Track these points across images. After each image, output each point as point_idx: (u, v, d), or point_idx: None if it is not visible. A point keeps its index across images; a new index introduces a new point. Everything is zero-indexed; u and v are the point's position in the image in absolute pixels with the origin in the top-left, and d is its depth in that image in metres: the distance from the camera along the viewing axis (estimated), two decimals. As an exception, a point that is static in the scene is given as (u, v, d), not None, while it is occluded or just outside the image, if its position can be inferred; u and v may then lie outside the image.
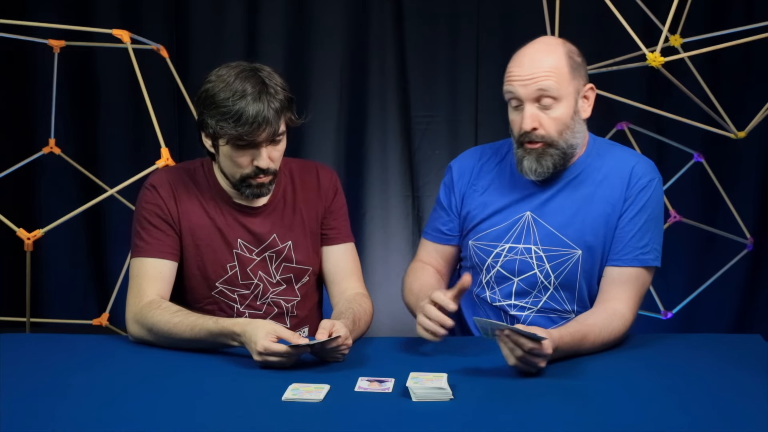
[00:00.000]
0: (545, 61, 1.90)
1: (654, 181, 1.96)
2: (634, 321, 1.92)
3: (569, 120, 1.92)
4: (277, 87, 1.87)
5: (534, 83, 1.88)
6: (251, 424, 1.41)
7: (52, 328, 3.36)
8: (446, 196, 2.12)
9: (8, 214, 2.76)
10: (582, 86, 1.95)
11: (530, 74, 1.89)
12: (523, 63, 1.91)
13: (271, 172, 1.92)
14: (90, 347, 1.92)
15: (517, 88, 1.90)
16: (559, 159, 1.93)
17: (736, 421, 1.41)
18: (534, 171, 1.93)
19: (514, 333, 1.60)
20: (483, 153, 2.13)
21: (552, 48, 1.94)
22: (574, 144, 1.95)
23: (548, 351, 1.61)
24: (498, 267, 2.01)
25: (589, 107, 1.98)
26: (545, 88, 1.88)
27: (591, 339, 1.79)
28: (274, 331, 1.68)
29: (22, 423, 1.41)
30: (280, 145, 1.92)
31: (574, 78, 1.92)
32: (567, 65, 1.91)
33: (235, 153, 1.89)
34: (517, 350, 1.60)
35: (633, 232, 1.93)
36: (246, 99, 1.82)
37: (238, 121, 1.82)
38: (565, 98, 1.91)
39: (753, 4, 3.51)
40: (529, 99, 1.90)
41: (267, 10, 3.64)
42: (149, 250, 1.95)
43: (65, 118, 3.54)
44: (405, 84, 3.68)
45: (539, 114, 1.91)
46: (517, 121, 1.94)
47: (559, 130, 1.92)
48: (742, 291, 3.67)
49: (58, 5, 3.60)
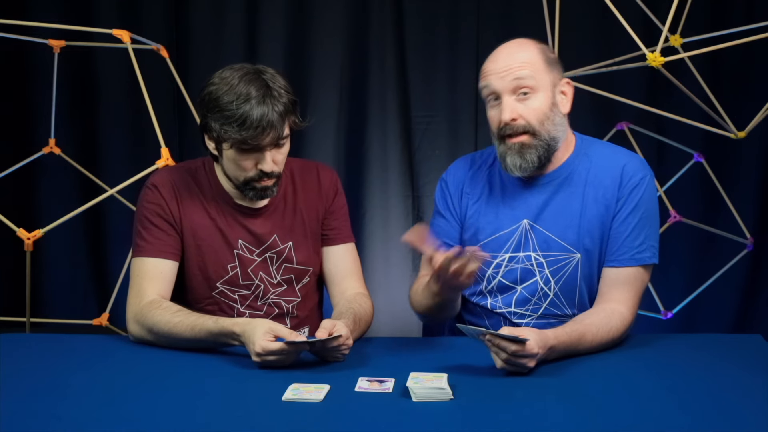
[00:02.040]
0: (519, 54, 1.93)
1: (646, 178, 1.96)
2: (633, 320, 1.92)
3: (548, 111, 1.93)
4: (281, 90, 1.86)
5: (509, 74, 1.90)
6: (251, 424, 1.41)
7: (52, 328, 3.36)
8: (444, 202, 2.11)
9: (8, 214, 2.76)
10: (558, 80, 1.96)
11: (505, 66, 1.91)
12: (498, 58, 1.94)
13: (275, 175, 1.92)
14: (90, 347, 1.92)
15: (493, 81, 1.92)
16: (543, 152, 1.93)
17: (736, 421, 1.41)
18: (518, 167, 1.92)
19: (495, 337, 1.60)
20: (473, 162, 2.12)
21: (525, 44, 1.96)
22: (556, 137, 1.95)
23: (534, 351, 1.62)
24: (499, 277, 2.01)
25: (568, 102, 1.99)
26: (521, 77, 1.90)
27: (589, 338, 1.78)
28: (272, 330, 1.68)
29: (22, 423, 1.41)
30: (283, 148, 1.92)
31: (549, 71, 1.94)
32: (541, 59, 1.93)
33: (239, 157, 1.89)
34: (501, 353, 1.61)
35: (628, 232, 1.93)
36: (250, 103, 1.82)
37: (242, 125, 1.82)
38: (542, 89, 1.92)
39: (753, 4, 3.51)
40: (507, 90, 1.91)
41: (267, 10, 3.64)
42: (150, 250, 1.95)
43: (65, 118, 3.54)
44: (405, 84, 3.68)
45: (517, 105, 1.91)
46: (495, 116, 1.95)
47: (540, 119, 1.92)
48: (742, 291, 3.67)
49: (58, 5, 3.60)
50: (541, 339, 1.65)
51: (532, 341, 1.61)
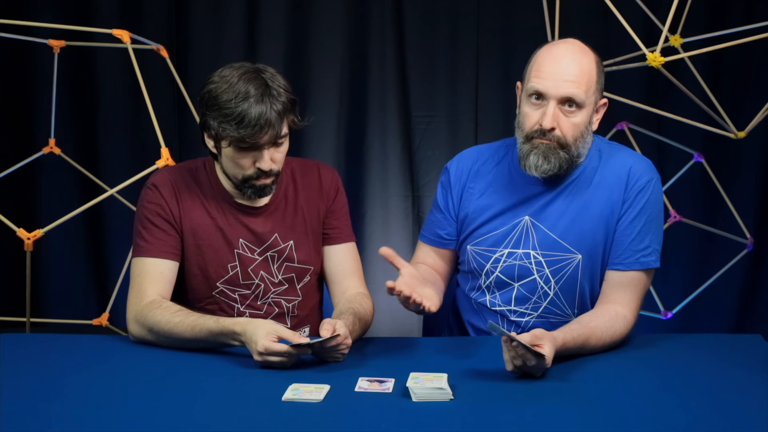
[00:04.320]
0: (581, 64, 1.88)
1: (652, 181, 1.95)
2: (635, 322, 1.92)
3: (584, 128, 1.91)
4: (280, 89, 1.86)
5: (566, 85, 1.86)
6: (251, 424, 1.41)
7: (52, 328, 3.37)
8: (443, 199, 2.10)
9: (8, 214, 2.76)
10: (599, 98, 1.94)
11: (564, 75, 1.86)
12: (559, 62, 1.88)
13: (273, 173, 1.92)
14: (90, 347, 1.92)
15: (548, 86, 1.86)
16: (565, 162, 1.91)
17: (736, 421, 1.41)
18: (539, 168, 1.90)
19: (521, 347, 1.59)
20: (480, 154, 2.10)
21: (586, 53, 1.91)
22: (582, 153, 1.94)
23: (548, 365, 1.62)
24: (497, 272, 2.01)
25: (598, 121, 1.96)
26: (575, 94, 1.86)
27: (593, 342, 1.79)
28: (275, 330, 1.68)
29: (21, 423, 1.41)
30: (282, 147, 1.92)
31: (597, 90, 1.91)
32: (596, 75, 1.90)
33: (237, 155, 1.89)
34: (518, 359, 1.60)
35: (633, 235, 1.92)
36: (249, 101, 1.82)
37: (240, 124, 1.82)
38: (587, 107, 1.89)
39: (753, 4, 3.51)
40: (556, 98, 1.87)
41: (267, 10, 3.64)
42: (150, 250, 1.95)
43: (65, 118, 3.54)
44: (405, 84, 3.68)
45: (560, 116, 1.88)
46: (533, 116, 1.90)
47: (575, 136, 1.89)
48: (742, 291, 3.67)
49: (58, 5, 3.60)
50: (554, 348, 1.64)
51: (549, 357, 1.61)
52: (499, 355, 1.65)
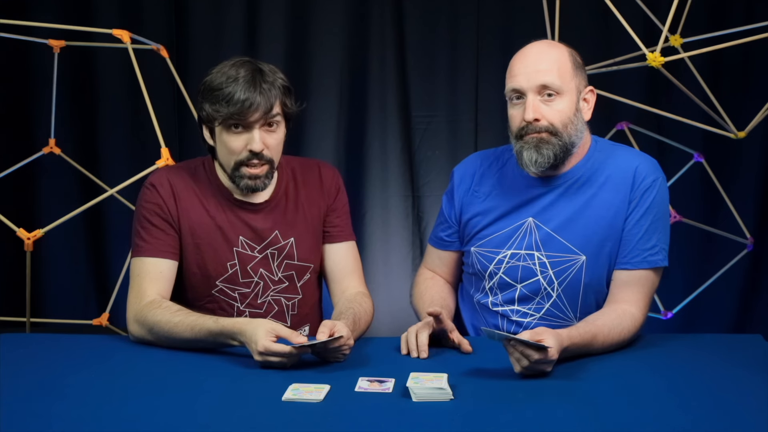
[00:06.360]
0: (549, 54, 1.92)
1: (658, 180, 1.96)
2: (644, 321, 1.92)
3: (572, 115, 1.92)
4: (273, 74, 1.91)
5: (537, 74, 1.89)
6: (251, 424, 1.41)
7: (52, 328, 3.36)
8: (447, 205, 2.13)
9: (8, 214, 2.76)
10: (583, 87, 1.96)
11: (534, 67, 1.90)
12: (527, 57, 1.93)
13: (265, 159, 1.92)
14: (90, 347, 1.92)
15: (521, 81, 1.90)
16: (559, 150, 1.91)
17: (736, 421, 1.41)
18: (534, 161, 1.91)
19: (520, 344, 1.59)
20: (484, 158, 2.12)
21: (555, 45, 1.96)
22: (576, 142, 1.94)
23: (554, 357, 1.62)
24: (500, 273, 2.01)
25: (589, 110, 1.98)
26: (549, 78, 1.89)
27: (600, 339, 1.79)
28: (274, 330, 1.68)
29: (22, 423, 1.41)
30: (275, 133, 1.93)
31: (576, 76, 1.93)
32: (569, 62, 1.93)
33: (229, 137, 1.90)
34: (523, 360, 1.61)
35: (640, 235, 1.92)
36: (238, 81, 1.87)
37: (230, 101, 1.86)
38: (568, 93, 1.91)
39: (753, 4, 3.50)
40: (532, 90, 1.89)
41: (267, 10, 3.64)
42: (149, 250, 1.95)
43: (65, 118, 3.53)
44: (405, 84, 3.67)
45: (541, 105, 1.90)
46: (517, 115, 1.93)
47: (563, 122, 1.91)
48: (742, 291, 3.66)
49: (58, 5, 3.60)
50: (558, 342, 1.64)
51: (553, 348, 1.61)
52: (499, 355, 1.65)
